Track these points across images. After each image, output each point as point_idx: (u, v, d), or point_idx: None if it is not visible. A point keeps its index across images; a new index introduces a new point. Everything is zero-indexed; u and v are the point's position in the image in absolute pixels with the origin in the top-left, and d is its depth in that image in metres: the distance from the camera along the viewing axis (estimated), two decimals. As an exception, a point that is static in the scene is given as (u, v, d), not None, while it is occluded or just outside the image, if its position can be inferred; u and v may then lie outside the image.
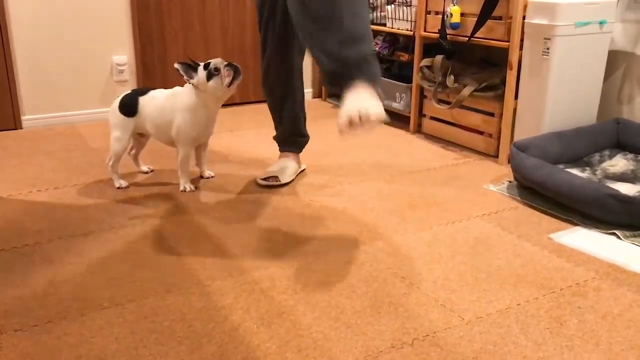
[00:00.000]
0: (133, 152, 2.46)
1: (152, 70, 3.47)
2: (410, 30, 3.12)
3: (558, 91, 2.48)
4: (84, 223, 2.02)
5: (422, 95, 3.12)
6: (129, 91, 2.34)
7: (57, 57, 3.18)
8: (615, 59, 2.69)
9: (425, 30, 3.00)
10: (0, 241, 1.88)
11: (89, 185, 2.36)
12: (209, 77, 2.16)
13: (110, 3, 3.23)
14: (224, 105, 2.29)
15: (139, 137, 2.41)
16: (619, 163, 2.44)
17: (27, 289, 1.61)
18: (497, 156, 2.71)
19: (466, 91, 2.73)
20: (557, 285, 1.65)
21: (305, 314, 1.50)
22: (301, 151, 2.52)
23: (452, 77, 2.84)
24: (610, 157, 2.50)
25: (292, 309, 1.52)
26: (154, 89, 2.31)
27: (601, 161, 2.47)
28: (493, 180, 2.46)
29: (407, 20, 3.14)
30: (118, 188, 2.31)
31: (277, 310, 1.52)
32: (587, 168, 2.41)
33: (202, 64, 2.19)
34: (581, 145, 2.51)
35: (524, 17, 2.49)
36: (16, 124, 3.14)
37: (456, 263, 1.77)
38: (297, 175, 2.47)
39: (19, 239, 1.90)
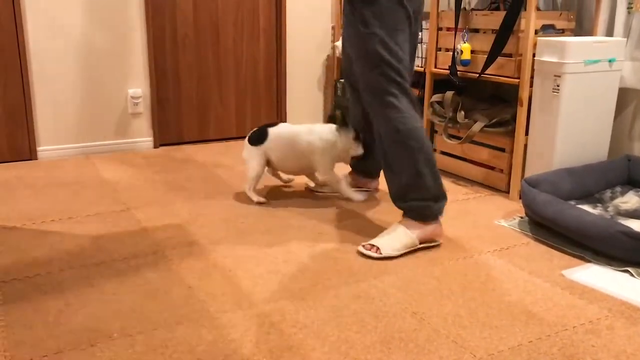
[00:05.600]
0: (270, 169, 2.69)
1: (167, 103, 3.52)
2: (421, 67, 3.16)
3: (568, 128, 2.49)
4: (95, 253, 2.03)
5: (432, 130, 3.14)
6: (262, 127, 2.57)
7: (73, 89, 3.24)
8: (625, 97, 2.70)
9: (435, 67, 3.04)
10: (12, 270, 1.90)
11: (101, 216, 2.38)
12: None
13: (126, 37, 3.30)
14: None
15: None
16: (631, 200, 2.43)
17: (38, 318, 1.61)
18: (508, 192, 2.71)
19: (477, 127, 2.75)
20: (569, 323, 1.63)
21: (315, 348, 1.50)
22: (419, 219, 2.09)
23: (462, 112, 2.86)
24: (622, 193, 2.49)
25: (301, 343, 1.52)
26: (276, 123, 2.59)
27: (613, 198, 2.46)
28: (504, 215, 2.46)
29: (418, 57, 3.18)
30: (257, 203, 2.54)
31: (287, 344, 1.51)
32: (599, 204, 2.40)
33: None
34: (592, 182, 2.50)
35: (534, 55, 2.52)
36: (31, 155, 3.19)
37: (467, 299, 1.76)
38: (408, 251, 2.05)
39: (31, 269, 1.91)
